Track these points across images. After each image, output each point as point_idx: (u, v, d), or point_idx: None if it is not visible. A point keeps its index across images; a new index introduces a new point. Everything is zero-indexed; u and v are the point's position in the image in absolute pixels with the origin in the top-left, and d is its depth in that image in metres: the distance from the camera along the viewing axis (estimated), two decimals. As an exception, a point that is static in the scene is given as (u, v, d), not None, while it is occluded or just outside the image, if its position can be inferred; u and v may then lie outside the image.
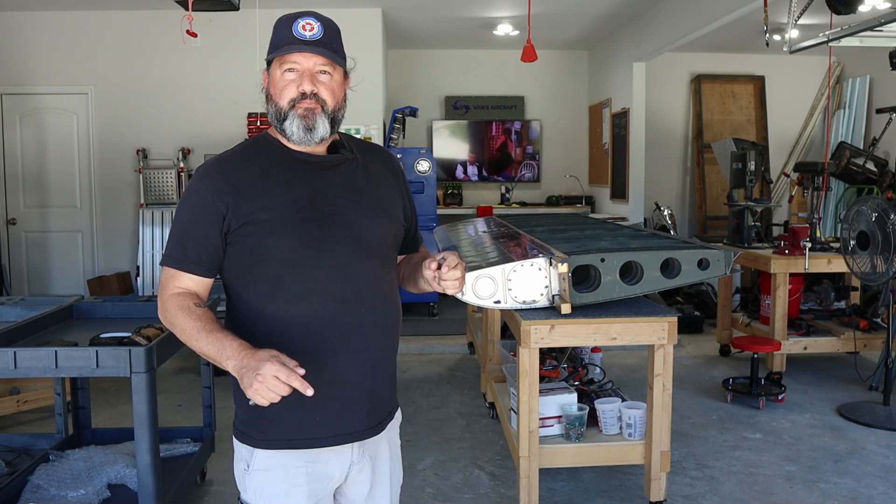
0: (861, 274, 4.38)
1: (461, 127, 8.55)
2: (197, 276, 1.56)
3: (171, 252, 1.57)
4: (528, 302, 2.90)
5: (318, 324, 1.53)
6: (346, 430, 1.59)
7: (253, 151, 1.61)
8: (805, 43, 4.78)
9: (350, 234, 1.57)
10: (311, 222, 1.54)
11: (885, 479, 3.46)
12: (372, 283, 1.59)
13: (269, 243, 1.51)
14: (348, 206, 1.58)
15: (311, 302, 1.53)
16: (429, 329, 6.28)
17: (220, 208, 1.52)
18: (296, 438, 1.56)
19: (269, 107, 1.59)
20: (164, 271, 1.59)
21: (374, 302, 1.59)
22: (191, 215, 1.55)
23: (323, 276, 1.53)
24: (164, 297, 1.56)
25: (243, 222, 1.51)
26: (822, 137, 8.29)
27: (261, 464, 1.58)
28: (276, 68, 1.57)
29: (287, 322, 1.53)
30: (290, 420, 1.55)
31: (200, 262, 1.55)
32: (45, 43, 6.61)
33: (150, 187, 6.58)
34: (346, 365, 1.56)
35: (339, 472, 1.62)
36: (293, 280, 1.52)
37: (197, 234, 1.54)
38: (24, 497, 2.86)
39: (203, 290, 1.58)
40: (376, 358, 1.61)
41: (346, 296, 1.55)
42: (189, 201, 1.57)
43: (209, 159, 1.61)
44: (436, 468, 3.60)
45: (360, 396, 1.59)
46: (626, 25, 7.21)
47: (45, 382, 4.23)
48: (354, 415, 1.59)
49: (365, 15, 6.59)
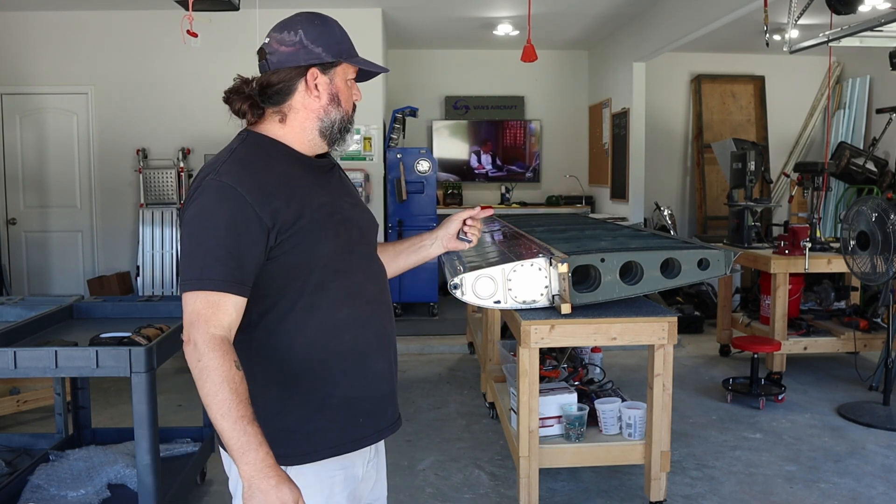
0: (861, 274, 4.38)
1: (461, 127, 8.55)
2: (241, 298, 1.38)
3: (216, 274, 1.35)
4: (528, 302, 2.90)
5: (361, 326, 1.54)
6: (383, 425, 1.61)
7: (265, 154, 1.50)
8: (805, 43, 4.78)
9: (363, 236, 1.60)
10: (341, 226, 1.52)
11: (885, 479, 3.46)
12: (384, 281, 1.65)
13: (319, 250, 1.46)
14: (352, 210, 1.59)
15: (353, 305, 1.53)
16: (429, 329, 6.27)
17: (264, 220, 1.39)
18: (341, 443, 1.52)
19: (332, 110, 1.53)
20: (198, 298, 1.35)
21: (388, 300, 1.66)
22: (234, 230, 1.37)
23: (360, 279, 1.56)
24: (202, 335, 1.34)
25: (291, 232, 1.42)
26: (822, 137, 8.29)
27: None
28: (340, 74, 1.54)
29: (335, 328, 1.50)
30: (334, 427, 1.51)
31: (246, 281, 1.39)
32: (45, 43, 6.61)
33: (150, 187, 6.58)
34: (381, 362, 1.59)
35: (363, 471, 1.62)
36: (337, 286, 1.50)
37: (243, 250, 1.38)
38: (24, 497, 2.86)
39: (241, 314, 1.41)
40: (395, 353, 1.66)
41: (375, 296, 1.59)
42: (225, 214, 1.38)
43: (229, 166, 1.44)
44: (436, 468, 3.60)
45: (390, 391, 1.63)
46: (626, 25, 7.21)
47: (45, 382, 4.23)
48: (387, 410, 1.62)
49: (365, 15, 6.59)
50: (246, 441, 1.31)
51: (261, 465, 1.31)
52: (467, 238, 1.84)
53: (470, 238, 1.83)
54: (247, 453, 1.31)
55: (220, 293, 1.36)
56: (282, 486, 1.31)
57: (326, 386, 1.50)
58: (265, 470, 1.31)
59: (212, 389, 1.31)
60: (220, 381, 1.31)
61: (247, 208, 1.38)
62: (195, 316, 1.35)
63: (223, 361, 1.33)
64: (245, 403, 1.32)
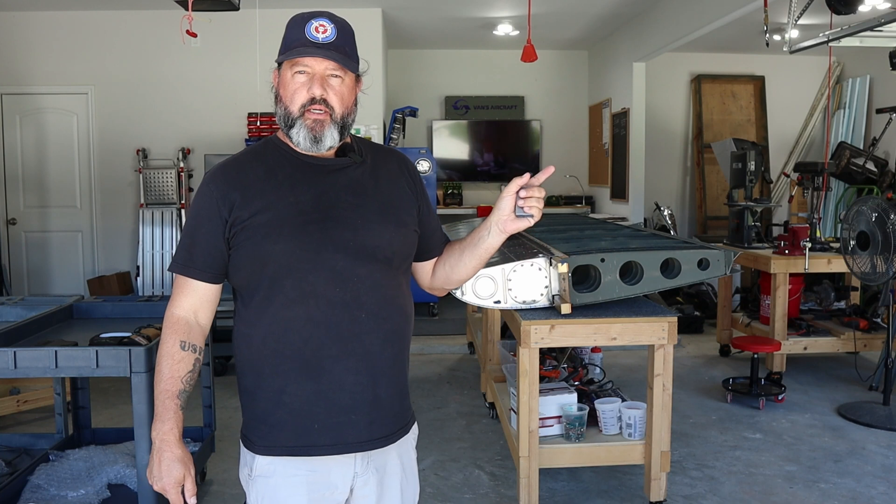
0: (861, 274, 4.38)
1: (461, 127, 8.56)
2: (203, 283, 1.56)
3: (178, 258, 1.57)
4: (528, 302, 2.91)
5: (315, 328, 1.49)
6: (346, 440, 1.54)
7: (260, 154, 1.60)
8: (805, 43, 4.78)
9: (353, 238, 1.52)
10: (313, 225, 1.51)
11: (885, 479, 3.46)
12: (374, 288, 1.54)
13: (268, 246, 1.49)
14: (351, 210, 1.54)
15: (307, 306, 1.49)
16: (429, 329, 6.27)
17: (223, 212, 1.52)
18: (295, 445, 1.53)
19: (279, 108, 1.56)
20: (175, 279, 1.59)
21: (376, 308, 1.54)
22: (196, 220, 1.55)
23: (321, 280, 1.49)
24: (167, 311, 1.58)
25: (244, 226, 1.50)
26: (822, 137, 8.29)
27: (261, 470, 1.56)
28: (286, 70, 1.54)
29: (284, 326, 1.50)
30: (290, 427, 1.53)
31: (206, 267, 1.54)
32: (45, 43, 6.61)
33: (150, 187, 6.58)
34: (345, 372, 1.52)
35: (343, 483, 1.57)
36: (291, 283, 1.49)
37: (201, 238, 1.54)
38: (24, 497, 2.86)
39: (210, 297, 1.58)
40: (379, 366, 1.55)
41: (345, 300, 1.50)
42: (195, 206, 1.57)
43: (217, 164, 1.61)
44: (436, 468, 3.60)
45: (361, 405, 1.54)
46: (626, 25, 7.21)
47: (45, 382, 4.23)
48: (354, 424, 1.54)
49: (365, 15, 6.59)
50: (162, 411, 1.51)
51: (165, 437, 1.51)
52: (526, 213, 1.52)
53: (531, 212, 1.52)
54: (157, 422, 1.52)
55: (183, 277, 1.56)
56: (174, 462, 1.50)
57: (279, 383, 1.53)
58: (167, 443, 1.51)
59: (157, 359, 1.55)
60: (163, 354, 1.54)
61: (212, 201, 1.53)
62: (172, 291, 1.59)
63: (169, 338, 1.54)
64: (174, 380, 1.52)
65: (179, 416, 1.53)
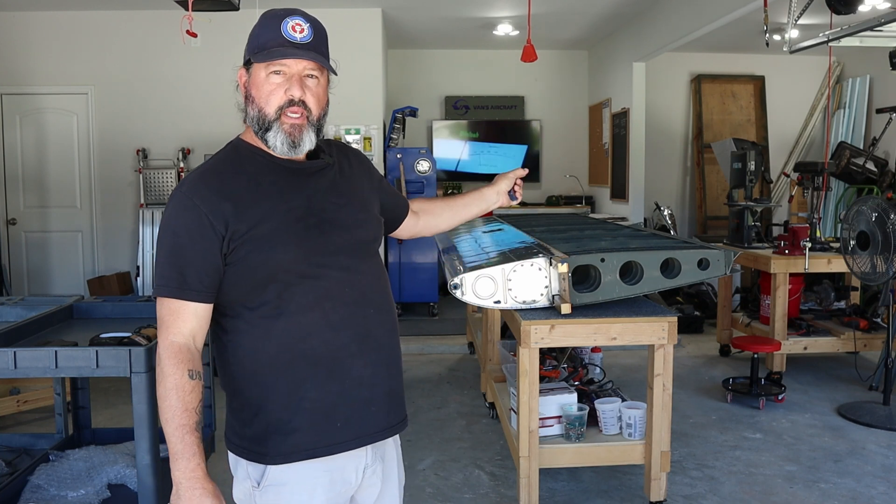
0: (861, 274, 4.38)
1: (461, 127, 8.56)
2: (201, 305, 1.46)
3: (168, 281, 1.44)
4: (528, 302, 2.90)
5: (333, 330, 1.51)
6: (367, 431, 1.58)
7: (235, 161, 1.54)
8: (805, 43, 4.78)
9: (349, 237, 1.55)
10: (313, 230, 1.51)
11: (885, 479, 3.46)
12: (374, 283, 1.60)
13: (277, 257, 1.46)
14: (339, 211, 1.56)
15: (323, 310, 1.50)
16: (429, 329, 6.27)
17: (217, 227, 1.43)
18: (318, 447, 1.52)
19: (251, 109, 1.52)
20: (162, 304, 1.45)
21: (379, 302, 1.60)
22: (183, 238, 1.44)
23: (331, 283, 1.51)
24: (163, 341, 1.44)
25: (243, 239, 1.45)
26: (822, 137, 8.29)
27: (275, 479, 1.51)
28: (260, 69, 1.50)
29: (303, 332, 1.49)
30: (311, 430, 1.51)
31: (203, 287, 1.45)
32: (45, 43, 6.60)
33: (150, 187, 6.58)
34: (364, 367, 1.55)
35: (356, 477, 1.60)
36: (303, 290, 1.48)
37: (194, 257, 1.44)
38: (24, 497, 2.86)
39: (207, 318, 1.49)
40: (389, 356, 1.62)
41: (355, 298, 1.54)
42: (179, 221, 1.45)
43: (191, 175, 1.51)
44: (436, 468, 3.60)
45: (379, 396, 1.59)
46: (626, 25, 7.21)
47: (45, 382, 4.23)
48: (374, 416, 1.58)
49: (365, 15, 6.59)
50: (182, 448, 1.41)
51: (190, 475, 1.41)
52: (516, 196, 2.05)
53: (518, 196, 2.06)
54: (180, 460, 1.41)
55: (179, 301, 1.45)
56: (206, 497, 1.41)
57: (299, 389, 1.50)
58: (192, 480, 1.41)
59: (163, 394, 1.42)
60: (171, 387, 1.42)
61: (200, 217, 1.44)
62: (160, 322, 1.46)
63: (176, 369, 1.42)
64: (189, 413, 1.41)
65: (202, 450, 1.44)
